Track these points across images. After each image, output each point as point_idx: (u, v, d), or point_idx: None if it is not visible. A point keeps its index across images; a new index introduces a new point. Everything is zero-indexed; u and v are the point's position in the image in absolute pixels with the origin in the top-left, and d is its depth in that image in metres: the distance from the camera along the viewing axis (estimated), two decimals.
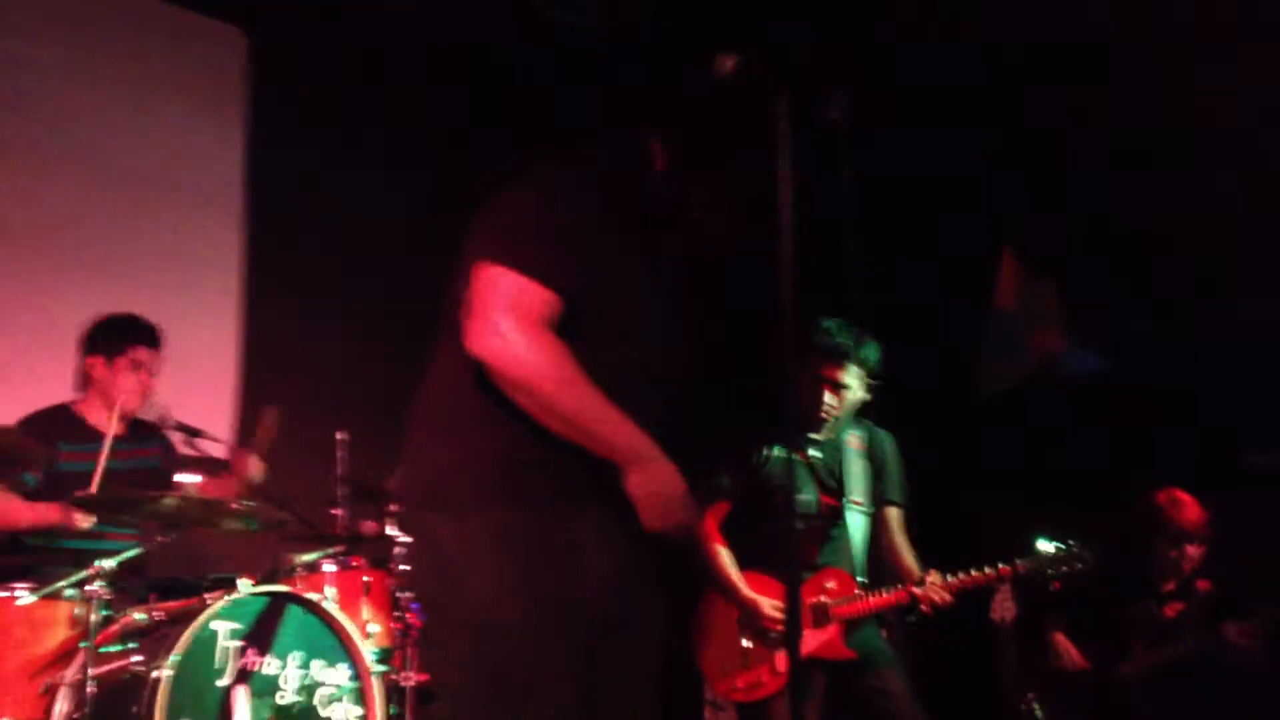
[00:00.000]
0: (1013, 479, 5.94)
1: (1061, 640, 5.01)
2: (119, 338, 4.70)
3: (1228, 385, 5.48)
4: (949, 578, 4.18)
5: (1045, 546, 4.26)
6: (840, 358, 4.29)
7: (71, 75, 5.65)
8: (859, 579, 4.29)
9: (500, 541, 2.51)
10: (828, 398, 4.32)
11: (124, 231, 5.72)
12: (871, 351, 4.34)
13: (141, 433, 4.82)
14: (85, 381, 4.72)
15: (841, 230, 2.45)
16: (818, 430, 4.38)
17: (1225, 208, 5.43)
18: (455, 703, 2.57)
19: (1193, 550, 4.95)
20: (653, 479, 2.56)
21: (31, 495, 4.44)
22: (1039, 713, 4.87)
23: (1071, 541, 4.26)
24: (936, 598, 4.14)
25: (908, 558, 4.37)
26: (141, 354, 4.69)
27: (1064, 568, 4.24)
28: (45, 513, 4.39)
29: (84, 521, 4.37)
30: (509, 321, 2.47)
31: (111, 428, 4.49)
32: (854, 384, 4.33)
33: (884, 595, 4.21)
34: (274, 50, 6.17)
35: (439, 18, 5.99)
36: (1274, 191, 5.31)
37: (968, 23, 5.63)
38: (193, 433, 4.82)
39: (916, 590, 4.16)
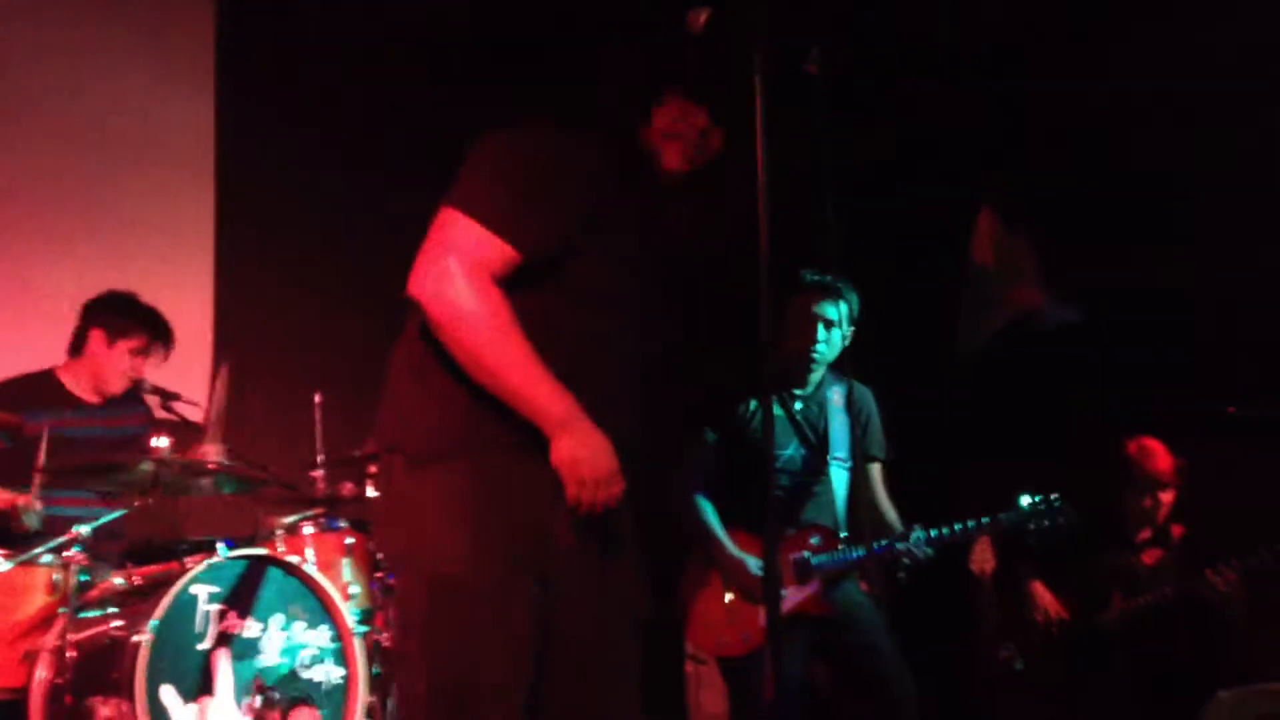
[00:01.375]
0: (990, 431, 5.96)
1: (1040, 590, 5.04)
2: (128, 320, 4.69)
3: (1207, 333, 5.50)
4: (931, 533, 4.19)
5: (1026, 501, 4.28)
6: (829, 293, 4.29)
7: (39, 41, 5.60)
8: (841, 534, 4.31)
9: (458, 491, 2.48)
10: (819, 332, 4.29)
11: (96, 196, 5.69)
12: (853, 294, 4.35)
13: (123, 400, 4.81)
14: (78, 347, 4.69)
15: (818, 185, 2.44)
16: (802, 381, 4.38)
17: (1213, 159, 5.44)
18: (411, 660, 2.53)
19: (1165, 497, 4.98)
20: (578, 446, 2.47)
21: None
22: (1018, 664, 4.91)
23: (1053, 496, 4.28)
24: (918, 553, 4.16)
25: (890, 513, 4.39)
26: (143, 342, 4.67)
27: (1045, 522, 4.26)
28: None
29: (33, 504, 4.30)
30: (457, 270, 2.43)
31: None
32: (841, 322, 4.33)
33: (867, 551, 4.22)
34: (242, 11, 6.11)
35: None
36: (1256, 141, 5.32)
37: None
38: (168, 396, 4.80)
39: (899, 546, 4.18)
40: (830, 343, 4.32)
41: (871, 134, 5.94)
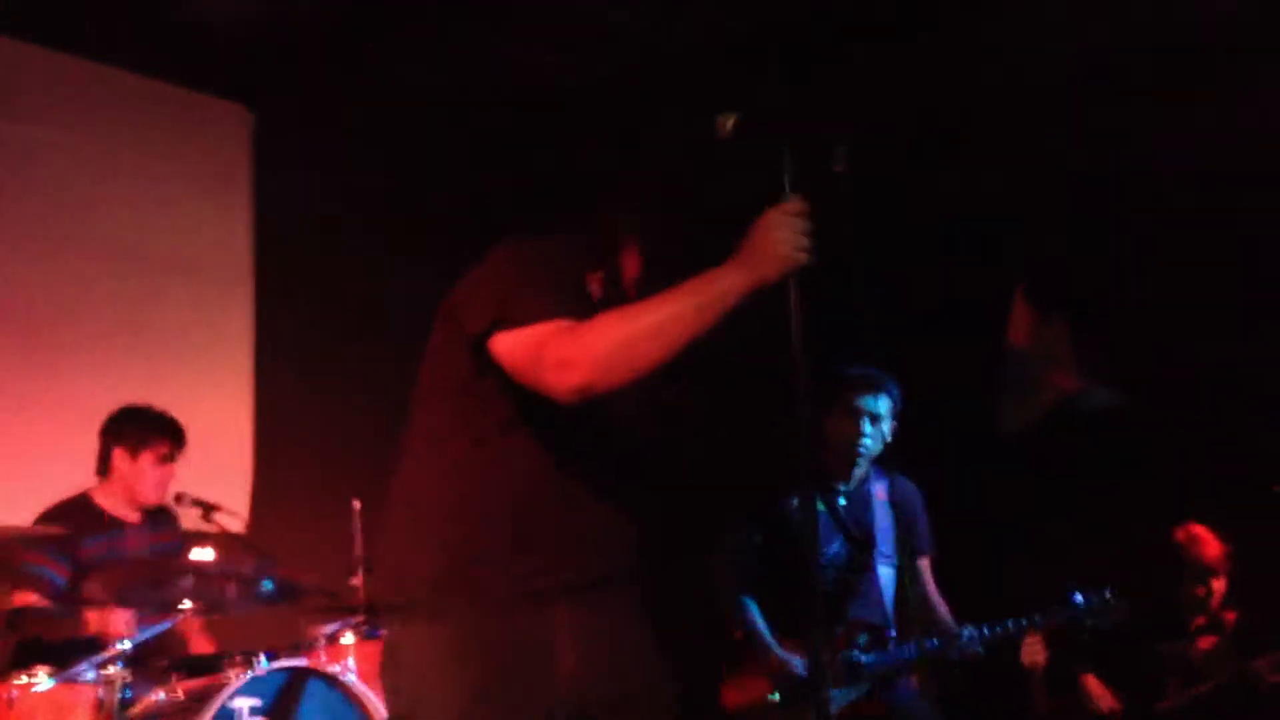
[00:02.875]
0: (1037, 522, 5.90)
1: (1093, 683, 4.96)
2: (145, 430, 4.71)
3: (1249, 415, 5.45)
4: (984, 631, 4.14)
5: (1079, 598, 4.22)
6: (872, 387, 4.28)
7: (77, 157, 5.69)
8: (890, 632, 4.25)
9: (456, 650, 2.41)
10: (865, 426, 4.28)
11: (134, 312, 5.74)
12: (896, 387, 4.34)
13: (159, 518, 4.84)
14: (106, 468, 4.73)
15: (851, 280, 2.44)
16: (846, 476, 4.35)
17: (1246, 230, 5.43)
18: None
19: (1217, 584, 4.92)
20: (753, 261, 2.34)
21: (61, 593, 4.42)
22: None
23: (1105, 592, 4.23)
24: (970, 651, 4.11)
25: (941, 609, 4.34)
26: (166, 448, 4.70)
27: (1098, 619, 4.20)
28: (110, 625, 4.32)
29: (128, 628, 4.28)
30: (552, 356, 2.35)
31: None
32: (885, 416, 4.31)
33: (917, 650, 4.17)
34: (278, 126, 6.21)
35: (442, 89, 6.02)
36: None
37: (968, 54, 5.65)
38: (209, 508, 4.81)
39: (950, 645, 4.12)
40: (874, 437, 4.31)
41: (904, 221, 5.97)
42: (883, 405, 4.29)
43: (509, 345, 2.43)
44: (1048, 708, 4.95)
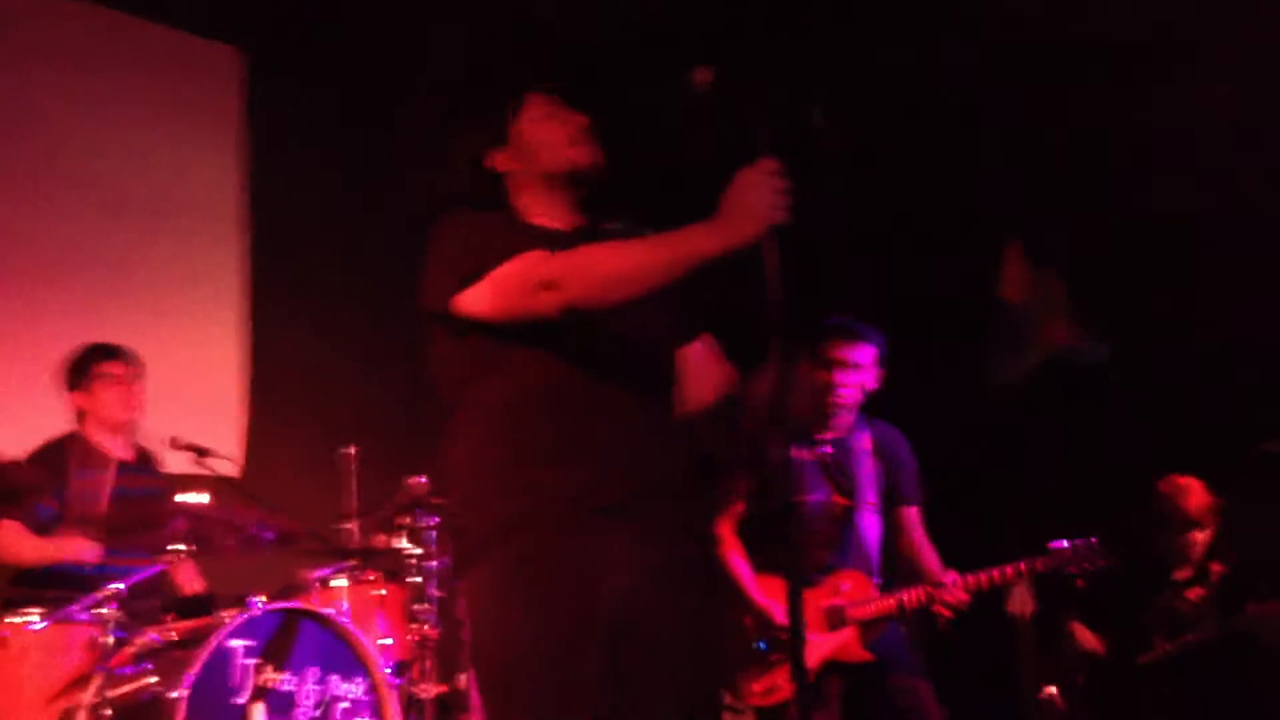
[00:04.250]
0: (1027, 473, 5.93)
1: (1080, 630, 5.01)
2: (82, 364, 4.74)
3: (1241, 371, 5.47)
4: (968, 578, 4.17)
5: (1063, 545, 4.26)
6: (850, 337, 4.29)
7: (69, 100, 5.66)
8: (875, 580, 4.28)
9: (506, 579, 2.49)
10: (839, 378, 4.29)
11: (125, 254, 5.73)
12: (878, 336, 4.35)
13: (150, 459, 4.88)
14: (79, 416, 4.77)
15: (828, 239, 2.45)
16: (827, 425, 4.36)
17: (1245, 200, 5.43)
18: None
19: (1200, 535, 4.95)
20: (730, 220, 2.35)
21: (48, 526, 4.47)
22: (1059, 705, 4.87)
23: (1091, 538, 4.26)
24: (953, 598, 4.13)
25: (930, 557, 4.36)
26: (107, 368, 4.73)
27: (1084, 565, 4.23)
28: (54, 551, 4.41)
29: (91, 553, 4.37)
30: (514, 279, 2.46)
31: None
32: (865, 366, 4.32)
33: (900, 596, 4.20)
34: (271, 69, 6.18)
35: (435, 30, 5.99)
36: None
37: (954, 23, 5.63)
38: (201, 452, 4.84)
39: (934, 591, 4.15)
40: (851, 386, 4.31)
41: (895, 174, 5.96)
42: (860, 355, 4.29)
43: (482, 293, 2.51)
44: (1036, 656, 5.00)
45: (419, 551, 4.55)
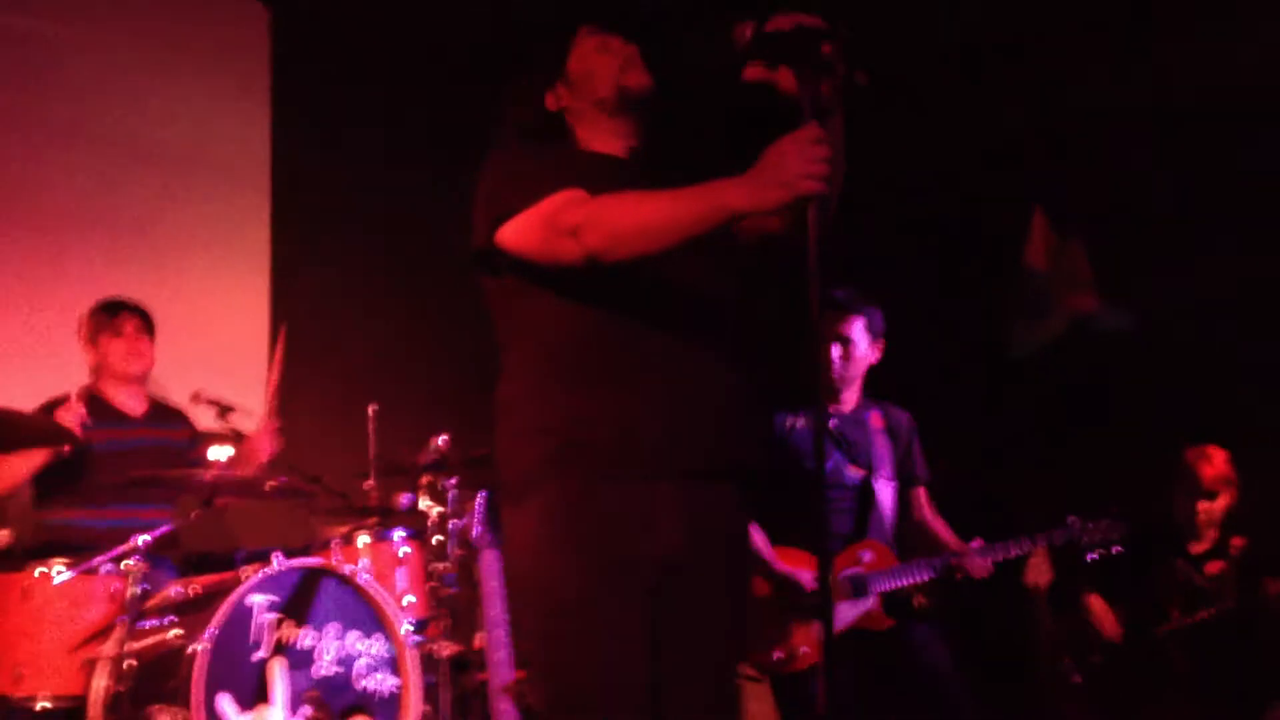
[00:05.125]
0: (1048, 442, 5.92)
1: (1096, 602, 5.00)
2: (92, 318, 4.79)
3: (1270, 341, 5.44)
4: (987, 550, 4.17)
5: (1080, 519, 4.25)
6: (841, 309, 4.27)
7: (94, 53, 5.65)
8: (894, 551, 4.28)
9: (554, 518, 2.48)
10: (836, 353, 4.28)
11: (151, 209, 5.73)
12: (875, 311, 4.33)
13: (167, 415, 4.91)
14: (95, 371, 4.81)
15: (865, 198, 2.43)
16: (831, 400, 4.35)
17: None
18: (533, 686, 2.56)
19: (1218, 504, 4.92)
20: (761, 181, 2.30)
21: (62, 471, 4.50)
22: (1076, 677, 4.87)
23: (1108, 512, 4.25)
24: (975, 568, 4.14)
25: (946, 531, 4.36)
26: (112, 322, 4.76)
27: (1100, 537, 4.23)
28: (36, 457, 4.43)
29: (74, 417, 4.40)
30: (573, 223, 2.41)
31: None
32: (860, 341, 4.31)
33: (925, 567, 4.20)
34: (297, 23, 6.16)
35: None
36: None
37: None
38: (224, 408, 4.85)
39: (958, 559, 4.15)
40: (845, 359, 4.29)
41: (922, 139, 5.92)
42: (847, 328, 4.28)
43: (516, 228, 2.50)
44: (1052, 628, 5.00)
45: (440, 510, 4.55)
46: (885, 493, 4.34)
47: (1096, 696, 4.91)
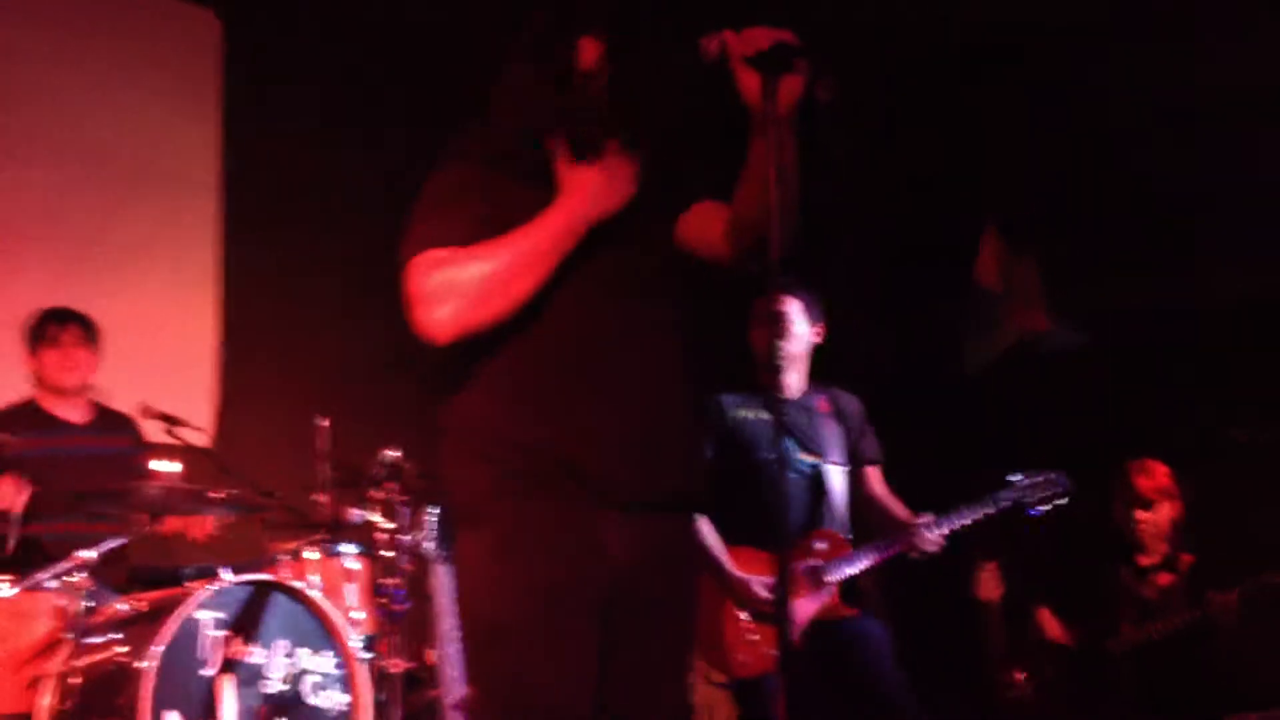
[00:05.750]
0: (997, 456, 5.95)
1: (1046, 616, 5.03)
2: (43, 324, 4.73)
3: (1210, 356, 5.50)
4: (939, 521, 4.17)
5: (1021, 477, 4.29)
6: (777, 289, 4.26)
7: (44, 61, 5.60)
8: (848, 538, 4.28)
9: (500, 543, 2.46)
10: (773, 331, 4.27)
11: (97, 220, 5.68)
12: (811, 296, 4.34)
13: (111, 422, 4.85)
14: (34, 381, 4.77)
15: (831, 211, 2.43)
16: (778, 386, 4.30)
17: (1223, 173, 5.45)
18: (480, 707, 2.53)
19: (1160, 515, 4.97)
20: (575, 198, 2.46)
21: None
22: (1026, 690, 4.90)
23: (1046, 470, 4.30)
24: (927, 543, 4.14)
25: (898, 508, 4.35)
26: (49, 331, 4.71)
27: (1044, 493, 4.27)
28: None
29: (18, 496, 4.32)
30: (425, 290, 2.44)
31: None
32: (797, 319, 4.31)
33: (878, 550, 4.21)
34: (248, 34, 6.12)
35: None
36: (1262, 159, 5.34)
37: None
38: (172, 421, 4.80)
39: (909, 536, 4.15)
40: (787, 338, 4.28)
41: (878, 154, 5.96)
42: (788, 307, 4.29)
43: (404, 277, 2.51)
44: (1003, 640, 5.02)
45: (391, 525, 4.51)
46: (836, 478, 4.34)
47: (1048, 710, 4.94)
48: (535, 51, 2.59)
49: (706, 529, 4.24)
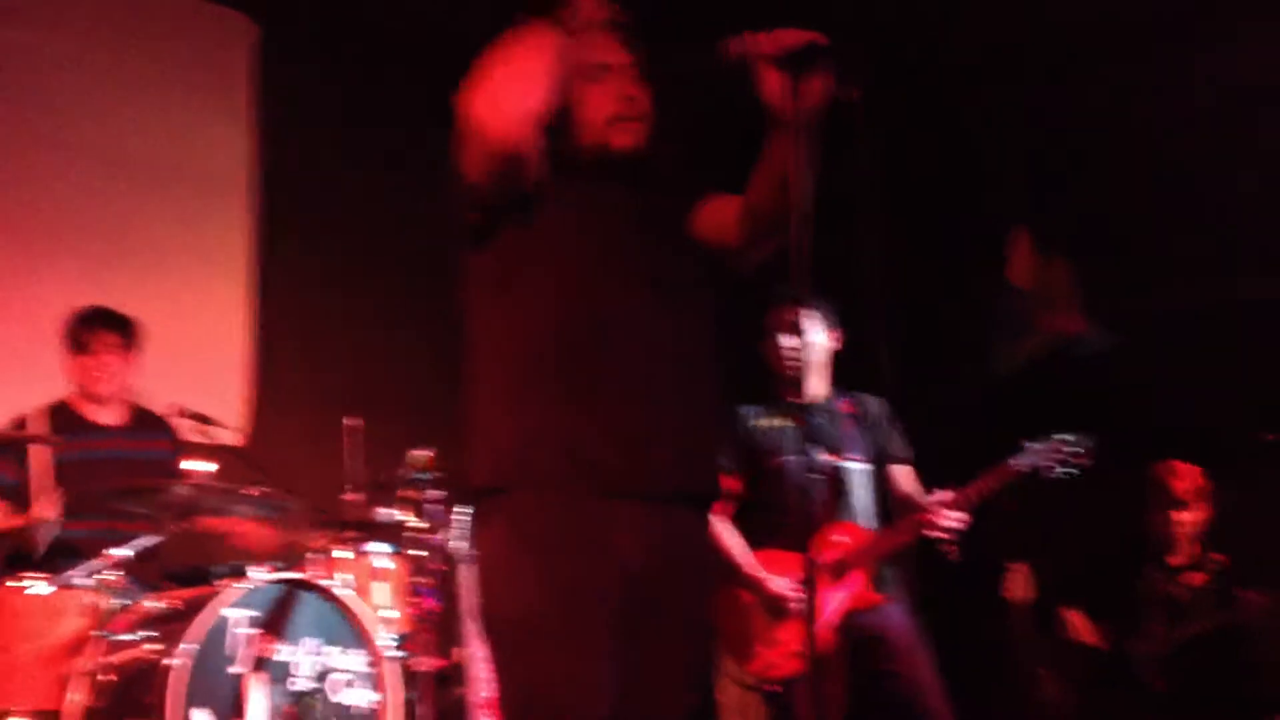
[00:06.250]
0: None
1: (1076, 618, 5.01)
2: (77, 328, 4.69)
3: (1241, 357, 5.47)
4: (958, 494, 4.14)
5: (1038, 443, 4.24)
6: (791, 301, 4.28)
7: (79, 64, 5.63)
8: (870, 530, 4.27)
9: (512, 534, 2.47)
10: (787, 342, 4.28)
11: (131, 221, 5.71)
12: (825, 304, 4.34)
13: (148, 424, 4.83)
14: (70, 379, 4.75)
15: (858, 213, 2.43)
16: (799, 393, 4.33)
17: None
18: (500, 703, 2.52)
19: (1189, 516, 4.93)
20: None
21: (11, 492, 4.45)
22: (1056, 692, 4.88)
23: (1064, 432, 4.26)
24: (947, 520, 4.11)
25: (925, 502, 4.34)
26: (98, 337, 4.68)
27: (1062, 456, 4.22)
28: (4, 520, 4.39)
29: (48, 511, 4.34)
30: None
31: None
32: (811, 329, 4.32)
33: (895, 532, 4.19)
34: (282, 37, 6.15)
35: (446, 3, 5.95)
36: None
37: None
38: (204, 421, 4.82)
39: (927, 515, 4.12)
40: (803, 346, 4.29)
41: (910, 157, 5.93)
42: (804, 317, 4.29)
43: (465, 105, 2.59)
44: (1032, 642, 5.00)
45: (422, 524, 4.53)
46: (856, 474, 4.33)
47: (1077, 711, 4.92)
48: None
49: (726, 530, 4.24)
